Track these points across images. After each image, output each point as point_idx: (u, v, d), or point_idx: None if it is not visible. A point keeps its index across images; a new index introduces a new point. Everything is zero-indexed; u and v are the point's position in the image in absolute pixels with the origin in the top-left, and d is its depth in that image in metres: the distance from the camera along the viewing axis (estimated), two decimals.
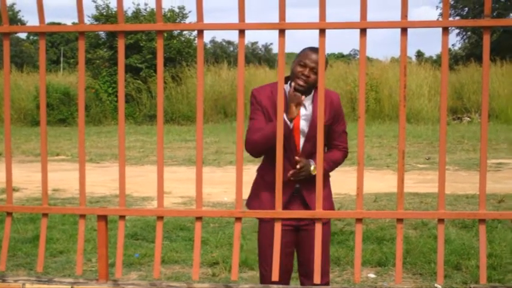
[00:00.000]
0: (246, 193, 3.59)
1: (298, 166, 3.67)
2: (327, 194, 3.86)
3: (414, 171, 12.00)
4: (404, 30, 3.14)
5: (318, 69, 3.61)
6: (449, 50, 43.10)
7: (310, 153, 3.73)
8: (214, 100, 24.63)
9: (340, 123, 3.86)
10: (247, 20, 3.23)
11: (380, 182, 10.55)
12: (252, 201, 3.89)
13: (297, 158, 3.68)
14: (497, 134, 17.87)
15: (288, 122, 3.61)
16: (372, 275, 5.82)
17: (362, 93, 3.25)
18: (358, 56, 51.23)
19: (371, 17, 3.13)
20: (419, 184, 10.38)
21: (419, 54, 50.14)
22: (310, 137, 3.72)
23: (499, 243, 6.55)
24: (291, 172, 3.62)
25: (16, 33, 3.49)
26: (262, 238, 3.89)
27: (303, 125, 3.75)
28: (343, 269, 5.95)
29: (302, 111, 3.75)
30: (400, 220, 3.33)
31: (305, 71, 3.68)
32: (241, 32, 3.24)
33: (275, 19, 3.19)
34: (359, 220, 3.35)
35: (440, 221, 3.35)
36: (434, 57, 43.02)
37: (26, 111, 24.97)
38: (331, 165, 3.85)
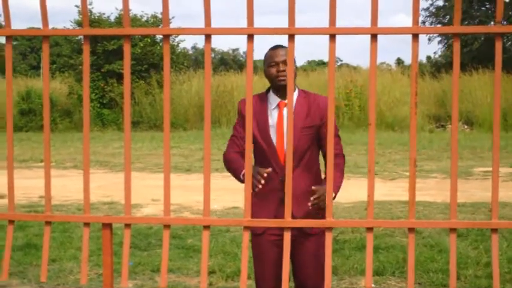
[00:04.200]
0: (236, 201, 3.52)
1: (314, 197, 3.67)
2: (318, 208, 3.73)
3: (402, 179, 11.96)
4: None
5: (287, 58, 3.56)
6: (430, 57, 43.32)
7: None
8: (198, 107, 24.54)
9: None
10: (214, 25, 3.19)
11: None
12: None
13: (313, 187, 3.67)
14: (481, 142, 17.93)
15: (241, 177, 3.70)
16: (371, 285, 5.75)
17: (373, 99, 3.20)
18: (338, 63, 51.49)
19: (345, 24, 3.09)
20: (408, 192, 10.33)
21: (399, 62, 50.34)
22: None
23: None
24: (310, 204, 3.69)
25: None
26: (253, 251, 3.94)
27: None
28: (340, 278, 5.87)
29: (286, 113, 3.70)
30: (411, 229, 3.31)
31: (279, 67, 3.72)
32: (250, 37, 3.19)
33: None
34: (370, 229, 3.32)
35: (453, 230, 3.33)
36: None
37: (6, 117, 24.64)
38: (341, 180, 3.88)
